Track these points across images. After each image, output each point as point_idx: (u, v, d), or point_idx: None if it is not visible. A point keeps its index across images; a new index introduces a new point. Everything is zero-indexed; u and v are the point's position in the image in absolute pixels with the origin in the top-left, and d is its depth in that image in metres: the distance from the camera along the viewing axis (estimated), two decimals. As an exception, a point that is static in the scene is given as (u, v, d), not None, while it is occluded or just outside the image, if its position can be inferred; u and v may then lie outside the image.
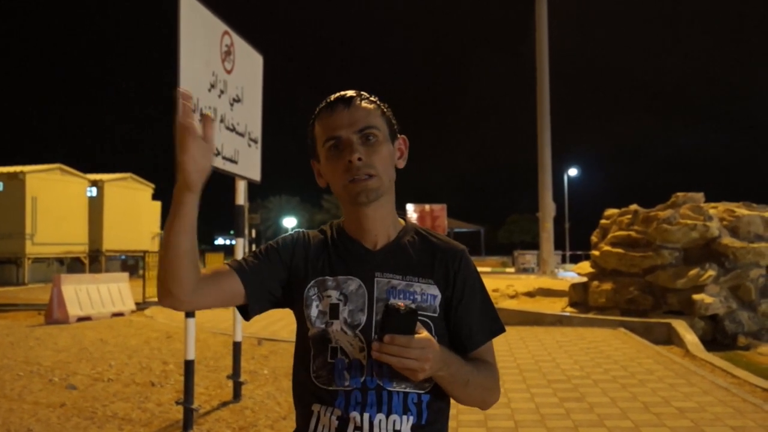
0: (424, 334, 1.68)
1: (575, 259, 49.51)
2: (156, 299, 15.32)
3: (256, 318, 2.00)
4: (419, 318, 1.80)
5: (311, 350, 1.88)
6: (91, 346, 11.73)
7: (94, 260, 33.39)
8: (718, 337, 13.31)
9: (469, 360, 1.91)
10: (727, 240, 14.26)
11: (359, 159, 1.85)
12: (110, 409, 7.43)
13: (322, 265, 1.95)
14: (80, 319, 15.53)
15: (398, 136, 2.02)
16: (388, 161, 1.93)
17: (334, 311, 1.87)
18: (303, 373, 1.92)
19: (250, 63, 8.26)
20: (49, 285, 17.49)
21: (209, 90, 7.09)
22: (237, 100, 7.79)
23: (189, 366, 6.71)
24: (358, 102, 1.92)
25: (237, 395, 7.95)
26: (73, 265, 32.66)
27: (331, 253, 1.97)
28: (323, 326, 1.87)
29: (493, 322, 2.02)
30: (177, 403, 6.92)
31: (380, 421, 1.79)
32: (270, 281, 1.94)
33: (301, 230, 2.07)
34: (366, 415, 1.79)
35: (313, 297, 1.91)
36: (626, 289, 15.02)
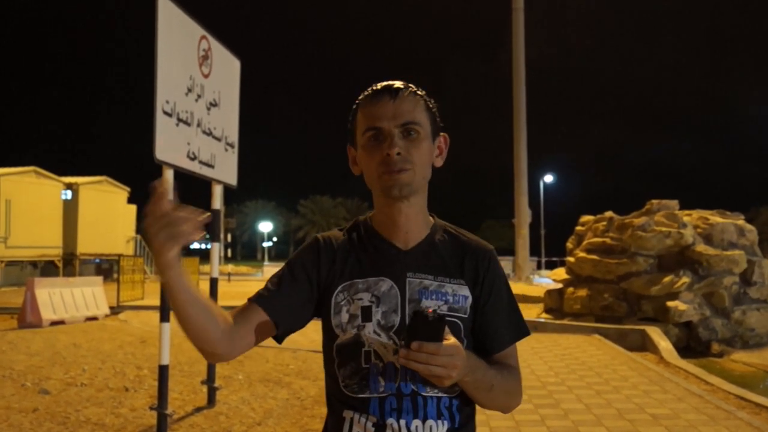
0: (452, 340, 1.64)
1: (551, 266, 49.87)
2: (130, 303, 15.21)
3: (231, 324, 1.97)
4: (450, 319, 1.80)
5: (336, 359, 1.86)
6: (65, 350, 11.63)
7: (68, 264, 33.05)
8: (692, 344, 13.42)
9: (492, 363, 1.89)
10: (701, 247, 14.38)
11: (398, 153, 1.82)
12: (83, 414, 7.36)
13: (350, 267, 1.91)
14: (54, 323, 15.38)
15: (440, 134, 1.99)
16: (426, 158, 1.89)
17: (366, 314, 1.84)
18: (332, 384, 1.90)
19: (227, 67, 8.23)
20: (23, 288, 17.32)
21: (186, 94, 7.06)
22: (214, 104, 7.76)
23: (163, 371, 6.67)
24: (405, 94, 1.87)
25: (211, 401, 7.90)
26: (47, 268, 32.35)
27: (360, 254, 1.93)
28: (355, 330, 1.83)
29: (519, 325, 2.00)
30: (151, 408, 6.86)
31: (417, 426, 1.78)
32: (297, 302, 1.91)
33: (320, 236, 2.01)
34: (402, 422, 1.78)
35: (341, 303, 1.88)
36: (601, 295, 15.10)
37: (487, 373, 1.81)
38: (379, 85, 1.90)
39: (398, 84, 1.90)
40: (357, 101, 1.95)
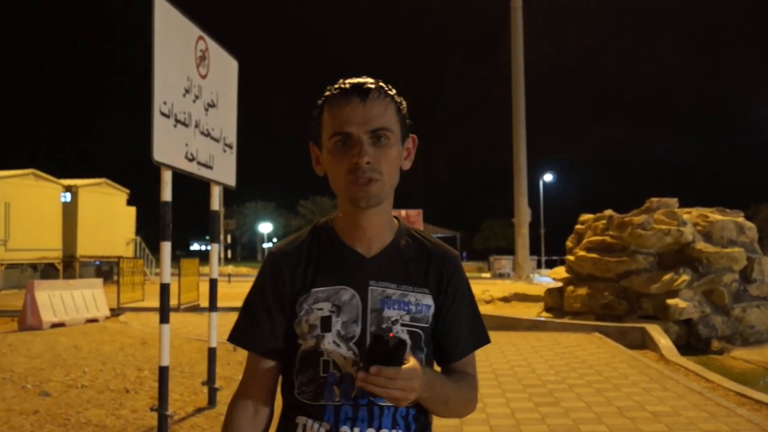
0: (411, 363, 1.61)
1: (551, 264, 49.80)
2: (131, 305, 15.20)
3: (231, 325, 1.96)
4: (411, 329, 1.80)
5: (296, 365, 1.83)
6: (65, 352, 11.62)
7: (68, 266, 32.98)
8: (692, 341, 13.43)
9: (450, 372, 1.89)
10: (701, 245, 14.38)
11: (367, 162, 1.73)
12: (84, 416, 7.36)
13: (312, 276, 1.85)
14: (54, 326, 15.36)
15: (409, 135, 1.90)
16: (395, 165, 1.81)
17: (326, 324, 1.79)
18: (287, 389, 1.88)
19: (225, 68, 8.23)
20: (23, 291, 17.32)
21: (184, 95, 7.05)
22: (212, 105, 7.76)
23: (163, 372, 6.67)
24: (375, 96, 1.77)
25: (212, 401, 7.90)
26: (47, 271, 32.28)
27: (321, 261, 1.87)
28: (315, 340, 1.79)
29: (479, 333, 1.98)
30: (151, 409, 6.86)
31: None
32: (282, 327, 1.87)
33: (276, 251, 1.93)
34: (357, 430, 1.75)
35: (302, 314, 1.82)
36: (601, 294, 15.10)
37: (445, 387, 1.79)
38: (348, 83, 1.80)
39: (369, 83, 1.79)
40: (323, 97, 1.85)
